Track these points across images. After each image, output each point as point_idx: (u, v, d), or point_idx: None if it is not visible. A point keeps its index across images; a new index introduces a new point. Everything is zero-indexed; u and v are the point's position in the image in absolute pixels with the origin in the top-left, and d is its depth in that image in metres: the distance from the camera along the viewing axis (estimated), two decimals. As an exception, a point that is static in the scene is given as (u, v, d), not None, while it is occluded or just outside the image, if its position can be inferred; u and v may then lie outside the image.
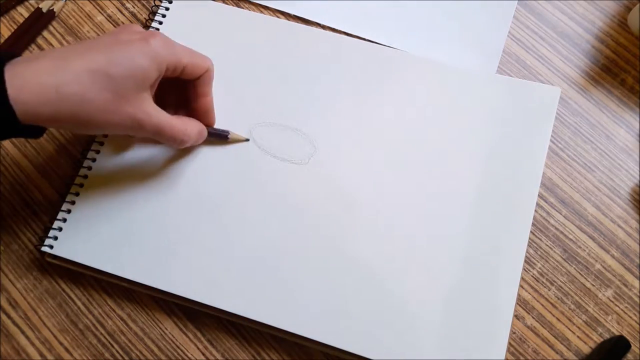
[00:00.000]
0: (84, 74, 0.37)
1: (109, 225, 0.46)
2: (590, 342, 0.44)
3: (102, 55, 0.38)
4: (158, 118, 0.41)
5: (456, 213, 0.46)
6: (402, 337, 0.43)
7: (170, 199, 0.46)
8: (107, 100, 0.38)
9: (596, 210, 0.48)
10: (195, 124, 0.45)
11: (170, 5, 0.53)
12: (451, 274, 0.44)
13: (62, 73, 0.37)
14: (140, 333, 0.45)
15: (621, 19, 0.53)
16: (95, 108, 0.38)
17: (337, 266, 0.44)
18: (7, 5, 0.54)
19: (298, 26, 0.52)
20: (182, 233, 0.45)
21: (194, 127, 0.45)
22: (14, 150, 0.50)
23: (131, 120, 0.40)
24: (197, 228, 0.46)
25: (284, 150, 0.48)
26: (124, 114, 0.39)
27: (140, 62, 0.39)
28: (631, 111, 0.51)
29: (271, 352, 0.44)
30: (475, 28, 0.53)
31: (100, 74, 0.37)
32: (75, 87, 0.37)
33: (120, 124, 0.39)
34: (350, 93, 0.50)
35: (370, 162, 0.47)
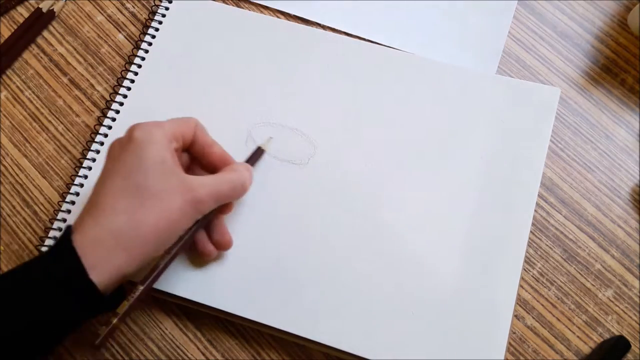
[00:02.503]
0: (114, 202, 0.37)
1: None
2: (590, 342, 0.44)
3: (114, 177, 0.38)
4: (209, 184, 0.40)
5: (456, 213, 0.46)
6: (402, 337, 0.43)
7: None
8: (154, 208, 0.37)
9: (596, 210, 0.48)
10: (243, 165, 0.43)
11: (170, 5, 0.53)
12: (451, 274, 0.44)
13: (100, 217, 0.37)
14: (140, 333, 0.45)
15: (621, 19, 0.53)
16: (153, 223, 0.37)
17: (337, 266, 0.44)
18: (7, 5, 0.54)
19: (298, 26, 0.52)
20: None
21: (244, 168, 0.43)
22: (14, 150, 0.50)
23: (189, 205, 0.38)
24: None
25: (283, 150, 0.48)
26: (177, 206, 0.38)
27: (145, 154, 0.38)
28: (631, 111, 0.51)
29: (271, 352, 0.44)
30: (475, 28, 0.53)
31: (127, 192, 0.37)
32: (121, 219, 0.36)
33: (183, 216, 0.38)
34: (350, 93, 0.50)
35: (370, 162, 0.47)
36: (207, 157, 0.43)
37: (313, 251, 0.45)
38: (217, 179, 0.41)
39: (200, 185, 0.39)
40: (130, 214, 0.37)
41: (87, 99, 0.51)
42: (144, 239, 0.37)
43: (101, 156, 0.48)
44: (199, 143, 0.42)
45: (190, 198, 0.38)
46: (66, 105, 0.51)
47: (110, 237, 0.36)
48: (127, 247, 0.36)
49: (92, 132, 0.49)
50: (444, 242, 0.45)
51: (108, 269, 0.36)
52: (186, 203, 0.38)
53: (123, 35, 0.53)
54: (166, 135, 0.39)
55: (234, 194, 0.42)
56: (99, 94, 0.51)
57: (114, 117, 0.49)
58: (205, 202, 0.39)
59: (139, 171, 0.38)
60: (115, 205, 0.37)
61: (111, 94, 0.50)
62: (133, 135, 0.39)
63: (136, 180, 0.37)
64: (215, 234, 0.43)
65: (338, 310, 0.43)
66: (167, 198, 0.38)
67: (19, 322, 0.35)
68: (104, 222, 0.37)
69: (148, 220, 0.37)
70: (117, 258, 0.36)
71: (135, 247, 0.37)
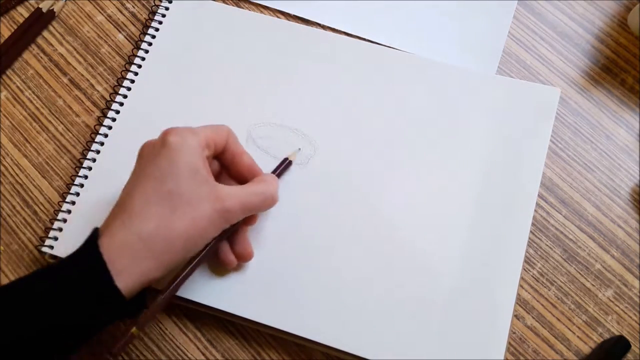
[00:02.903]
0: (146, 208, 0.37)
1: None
2: (590, 342, 0.44)
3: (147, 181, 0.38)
4: (239, 195, 0.40)
5: (456, 213, 0.46)
6: (402, 337, 0.43)
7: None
8: (184, 215, 0.37)
9: (596, 210, 0.48)
10: (271, 177, 0.43)
11: (170, 5, 0.53)
12: (451, 274, 0.44)
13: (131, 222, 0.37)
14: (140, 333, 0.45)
15: (621, 19, 0.53)
16: (182, 230, 0.37)
17: (337, 266, 0.44)
18: (7, 5, 0.54)
19: (298, 26, 0.52)
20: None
21: (274, 180, 0.43)
22: (14, 150, 0.50)
23: (218, 214, 0.38)
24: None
25: (283, 150, 0.48)
26: (206, 214, 0.37)
27: (178, 160, 0.38)
28: (631, 111, 0.51)
29: (271, 352, 0.44)
30: (475, 28, 0.53)
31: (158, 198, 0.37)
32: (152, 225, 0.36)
33: (211, 224, 0.38)
34: (350, 93, 0.50)
35: (370, 162, 0.47)
36: (236, 167, 0.43)
37: (313, 251, 0.45)
38: (247, 190, 0.41)
39: (231, 195, 0.39)
40: (161, 220, 0.37)
41: (87, 99, 0.51)
42: (172, 246, 0.37)
43: (101, 156, 0.48)
44: (229, 151, 0.42)
45: (220, 207, 0.38)
46: (66, 105, 0.51)
47: (138, 243, 0.36)
48: (155, 254, 0.36)
49: (92, 132, 0.49)
50: (444, 242, 0.45)
51: (134, 274, 0.36)
52: (215, 212, 0.38)
53: (123, 35, 0.53)
54: (200, 142, 0.39)
55: (262, 205, 0.42)
56: (99, 94, 0.51)
57: (114, 117, 0.49)
58: (234, 212, 0.39)
59: (172, 177, 0.37)
60: (146, 210, 0.37)
61: (111, 94, 0.50)
62: (167, 139, 0.38)
63: (169, 186, 0.37)
64: (237, 245, 0.43)
65: (338, 310, 0.43)
66: (198, 206, 0.37)
67: (42, 324, 0.34)
68: (134, 227, 0.36)
69: (178, 228, 0.37)
70: (145, 264, 0.36)
71: (163, 253, 0.37)
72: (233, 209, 0.39)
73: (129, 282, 0.36)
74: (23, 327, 0.34)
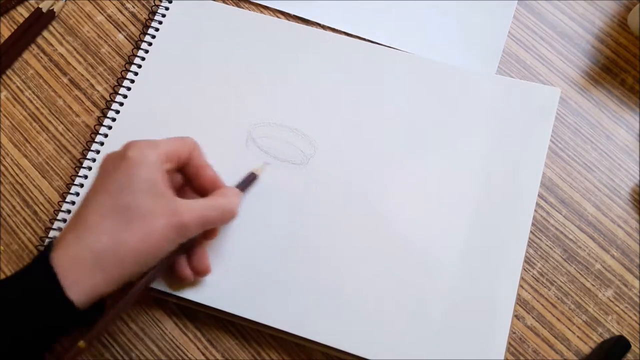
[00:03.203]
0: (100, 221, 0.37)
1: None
2: (590, 342, 0.44)
3: (103, 194, 0.38)
4: (197, 209, 0.39)
5: (456, 213, 0.46)
6: (402, 337, 0.43)
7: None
8: (138, 230, 0.37)
9: (596, 210, 0.48)
10: (232, 191, 0.42)
11: (170, 5, 0.53)
12: (451, 274, 0.44)
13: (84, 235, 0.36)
14: (140, 333, 0.45)
15: (621, 19, 0.53)
16: (135, 245, 0.37)
17: (337, 266, 0.44)
18: (7, 5, 0.54)
19: (298, 26, 0.52)
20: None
21: (234, 194, 0.42)
22: (14, 150, 0.50)
23: (173, 228, 0.37)
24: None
25: (283, 150, 0.48)
26: (161, 229, 0.37)
27: (136, 174, 0.38)
28: (631, 111, 0.51)
29: (271, 352, 0.44)
30: (475, 28, 0.53)
31: (113, 211, 0.37)
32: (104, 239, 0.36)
33: (166, 239, 0.37)
34: (350, 93, 0.50)
35: (370, 162, 0.47)
36: (199, 180, 0.42)
37: (313, 251, 0.45)
38: (205, 204, 0.40)
39: (188, 210, 0.38)
40: (114, 235, 0.36)
41: (87, 99, 0.51)
42: (123, 261, 0.37)
43: (101, 156, 0.48)
44: (193, 165, 0.42)
45: (175, 222, 0.38)
46: (66, 105, 0.51)
47: (90, 257, 0.36)
48: (105, 268, 0.36)
49: (92, 132, 0.49)
50: (444, 242, 0.45)
51: (86, 287, 0.36)
52: (171, 227, 0.37)
53: (123, 35, 0.53)
54: (160, 156, 0.39)
55: (220, 220, 0.41)
56: (99, 94, 0.51)
57: (114, 117, 0.49)
58: (191, 226, 0.39)
59: (128, 191, 0.37)
60: (99, 224, 0.37)
61: (111, 94, 0.50)
62: (127, 154, 0.38)
63: (124, 200, 0.37)
64: (195, 260, 0.42)
65: (338, 310, 0.43)
66: (152, 220, 0.37)
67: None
68: (87, 241, 0.36)
69: (129, 242, 0.36)
70: (95, 278, 0.36)
71: (114, 268, 0.36)
72: (189, 223, 0.38)
73: (81, 294, 0.35)
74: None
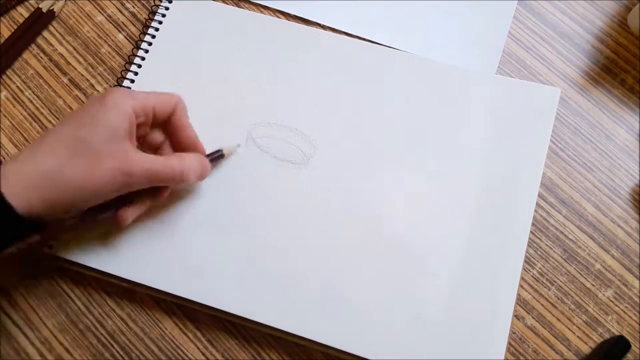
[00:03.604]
0: (55, 145, 0.38)
1: (108, 225, 0.46)
2: (590, 342, 0.44)
3: (68, 124, 0.39)
4: (147, 162, 0.40)
5: (456, 213, 0.46)
6: (402, 337, 0.43)
7: (169, 198, 0.46)
8: (85, 165, 0.37)
9: (596, 210, 0.48)
10: (194, 156, 0.43)
11: (170, 5, 0.53)
12: (451, 274, 0.44)
13: (37, 153, 0.37)
14: (140, 333, 0.45)
15: (621, 19, 0.53)
16: (78, 177, 0.37)
17: (337, 266, 0.44)
18: (7, 5, 0.54)
19: (298, 26, 0.52)
20: (182, 233, 0.45)
21: (193, 159, 0.43)
22: (13, 150, 0.50)
23: (120, 174, 0.38)
24: (196, 228, 0.46)
25: (283, 150, 0.48)
26: (107, 171, 0.38)
27: (107, 115, 0.39)
28: (631, 111, 0.51)
29: (271, 352, 0.44)
30: (475, 28, 0.53)
31: (70, 141, 0.38)
32: (51, 162, 0.37)
33: (110, 182, 0.38)
34: (349, 93, 0.50)
35: (370, 162, 0.47)
36: (178, 139, 0.43)
37: (313, 251, 0.45)
38: (159, 161, 0.41)
39: (139, 161, 0.39)
40: (61, 161, 0.37)
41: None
42: (61, 189, 0.37)
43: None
44: (173, 123, 0.43)
45: (123, 167, 0.38)
46: (66, 105, 0.51)
47: (33, 175, 0.37)
48: (43, 189, 0.37)
49: (92, 132, 0.49)
50: (444, 242, 0.45)
51: (22, 201, 0.36)
52: (118, 171, 0.38)
53: (123, 35, 0.53)
54: (134, 106, 0.40)
55: (169, 179, 0.41)
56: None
57: (114, 117, 0.49)
58: (136, 177, 0.39)
59: (90, 128, 0.38)
60: (54, 148, 0.38)
61: (111, 94, 0.50)
62: (105, 96, 0.40)
63: (83, 134, 0.38)
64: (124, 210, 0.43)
65: (338, 310, 0.43)
66: (103, 160, 0.38)
67: None
68: (36, 159, 0.37)
69: (73, 174, 0.37)
70: (32, 195, 0.36)
71: (50, 192, 0.37)
72: (136, 173, 0.39)
73: (19, 205, 0.36)
74: None
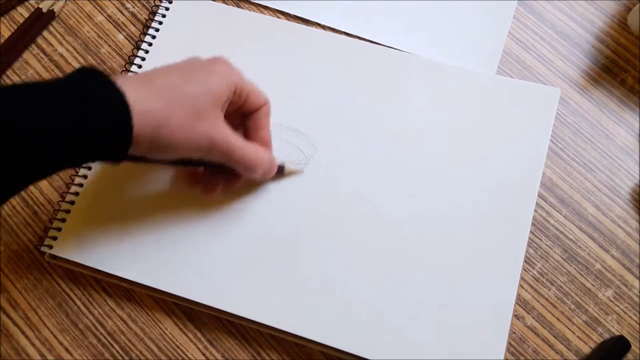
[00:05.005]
0: (164, 90, 0.38)
1: (108, 225, 0.46)
2: (590, 342, 0.44)
3: (180, 74, 0.39)
4: (232, 139, 0.41)
5: (456, 213, 0.46)
6: (402, 337, 0.43)
7: (170, 198, 0.46)
8: (185, 117, 0.38)
9: (596, 210, 0.48)
10: (267, 153, 0.44)
11: (170, 5, 0.53)
12: (451, 274, 0.44)
13: (144, 89, 0.37)
14: (140, 333, 0.45)
15: (621, 19, 0.53)
16: (174, 124, 0.37)
17: (337, 266, 0.44)
18: (7, 5, 0.54)
19: (298, 26, 0.52)
20: (182, 233, 0.45)
21: (266, 155, 0.44)
22: (14, 150, 0.50)
23: (206, 140, 0.39)
24: (196, 228, 0.46)
25: (283, 150, 0.48)
26: (200, 132, 0.39)
27: (214, 80, 0.40)
28: (631, 111, 0.51)
29: (271, 352, 0.44)
30: (475, 28, 0.53)
31: (178, 91, 0.38)
32: (156, 103, 0.37)
33: (196, 143, 0.39)
34: (350, 93, 0.50)
35: (370, 162, 0.47)
36: (253, 136, 0.44)
37: (313, 251, 0.45)
38: (239, 141, 0.41)
39: (224, 133, 0.40)
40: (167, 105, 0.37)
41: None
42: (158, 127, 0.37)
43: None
44: (255, 119, 0.44)
45: (211, 133, 0.39)
46: (66, 105, 0.51)
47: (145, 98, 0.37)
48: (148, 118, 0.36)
49: (92, 132, 0.49)
50: (444, 242, 0.45)
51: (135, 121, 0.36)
52: (205, 135, 0.39)
53: (123, 35, 0.53)
54: (236, 81, 0.41)
55: (241, 162, 0.42)
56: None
57: (114, 117, 0.49)
58: (217, 147, 0.40)
59: (197, 86, 0.39)
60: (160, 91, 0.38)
61: (111, 94, 0.50)
62: (214, 63, 0.41)
63: (189, 90, 0.39)
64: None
65: (338, 310, 0.43)
66: (199, 120, 0.39)
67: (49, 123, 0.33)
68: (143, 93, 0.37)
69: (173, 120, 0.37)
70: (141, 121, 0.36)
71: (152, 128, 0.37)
72: (218, 143, 0.40)
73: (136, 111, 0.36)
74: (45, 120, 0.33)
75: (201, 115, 0.39)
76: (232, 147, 0.41)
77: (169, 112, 0.37)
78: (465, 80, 0.50)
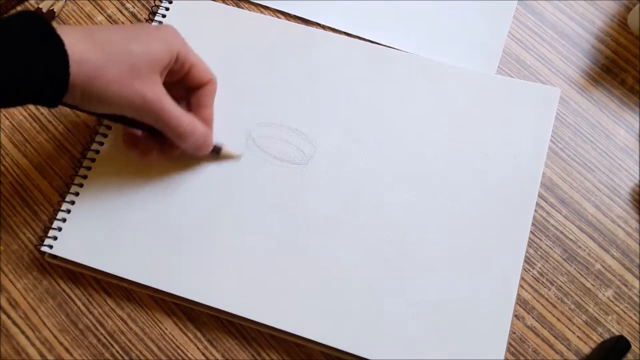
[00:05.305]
0: (103, 43, 0.38)
1: (108, 225, 0.46)
2: (590, 342, 0.44)
3: (123, 32, 0.40)
4: (167, 103, 0.41)
5: (456, 213, 0.46)
6: (402, 337, 0.43)
7: (170, 199, 0.46)
8: (122, 72, 0.38)
9: (596, 210, 0.48)
10: (204, 127, 0.44)
11: (170, 5, 0.53)
12: (451, 274, 0.44)
13: (84, 40, 0.37)
14: (140, 333, 0.45)
15: (621, 19, 0.53)
16: (109, 78, 0.38)
17: (337, 266, 0.44)
18: (7, 5, 0.54)
19: (298, 26, 0.52)
20: (182, 233, 0.45)
21: (202, 129, 0.44)
22: (14, 150, 0.50)
23: (140, 99, 0.40)
24: (197, 228, 0.46)
25: (283, 150, 0.48)
26: (135, 90, 0.39)
27: (155, 43, 0.40)
28: (631, 111, 0.51)
29: (271, 352, 0.44)
30: (475, 28, 0.53)
31: (118, 47, 0.39)
32: (94, 55, 0.37)
33: (129, 100, 0.39)
34: (350, 93, 0.50)
35: (370, 162, 0.47)
36: (196, 114, 0.44)
37: (313, 251, 0.45)
38: (175, 107, 0.42)
39: (159, 94, 0.41)
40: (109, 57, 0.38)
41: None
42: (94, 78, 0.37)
43: (101, 156, 0.48)
44: (199, 96, 0.44)
45: (145, 93, 0.40)
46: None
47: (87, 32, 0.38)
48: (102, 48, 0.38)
49: (92, 132, 0.49)
50: (444, 241, 0.45)
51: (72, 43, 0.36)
52: (139, 94, 0.39)
53: (123, 35, 0.53)
54: (180, 50, 0.42)
55: (173, 128, 0.42)
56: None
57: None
58: (149, 107, 0.40)
59: (140, 46, 0.40)
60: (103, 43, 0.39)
61: (111, 94, 0.50)
62: (161, 29, 0.42)
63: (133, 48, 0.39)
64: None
65: (338, 310, 0.43)
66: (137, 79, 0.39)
67: None
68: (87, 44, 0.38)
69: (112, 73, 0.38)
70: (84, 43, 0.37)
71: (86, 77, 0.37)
72: (152, 104, 0.40)
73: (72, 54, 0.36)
74: None
75: (138, 73, 0.39)
76: (165, 110, 0.41)
77: (105, 64, 0.38)
78: (465, 80, 0.50)
